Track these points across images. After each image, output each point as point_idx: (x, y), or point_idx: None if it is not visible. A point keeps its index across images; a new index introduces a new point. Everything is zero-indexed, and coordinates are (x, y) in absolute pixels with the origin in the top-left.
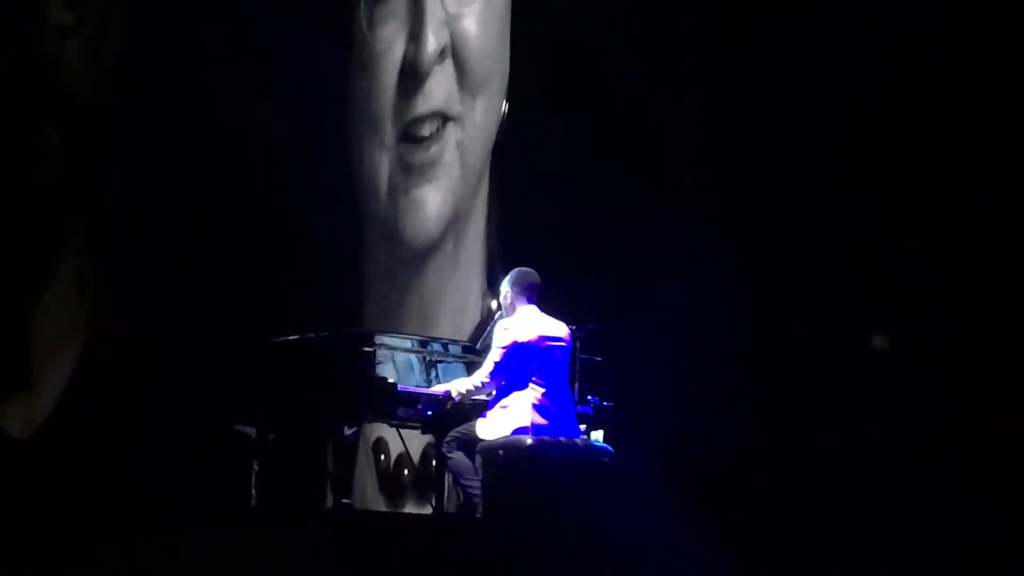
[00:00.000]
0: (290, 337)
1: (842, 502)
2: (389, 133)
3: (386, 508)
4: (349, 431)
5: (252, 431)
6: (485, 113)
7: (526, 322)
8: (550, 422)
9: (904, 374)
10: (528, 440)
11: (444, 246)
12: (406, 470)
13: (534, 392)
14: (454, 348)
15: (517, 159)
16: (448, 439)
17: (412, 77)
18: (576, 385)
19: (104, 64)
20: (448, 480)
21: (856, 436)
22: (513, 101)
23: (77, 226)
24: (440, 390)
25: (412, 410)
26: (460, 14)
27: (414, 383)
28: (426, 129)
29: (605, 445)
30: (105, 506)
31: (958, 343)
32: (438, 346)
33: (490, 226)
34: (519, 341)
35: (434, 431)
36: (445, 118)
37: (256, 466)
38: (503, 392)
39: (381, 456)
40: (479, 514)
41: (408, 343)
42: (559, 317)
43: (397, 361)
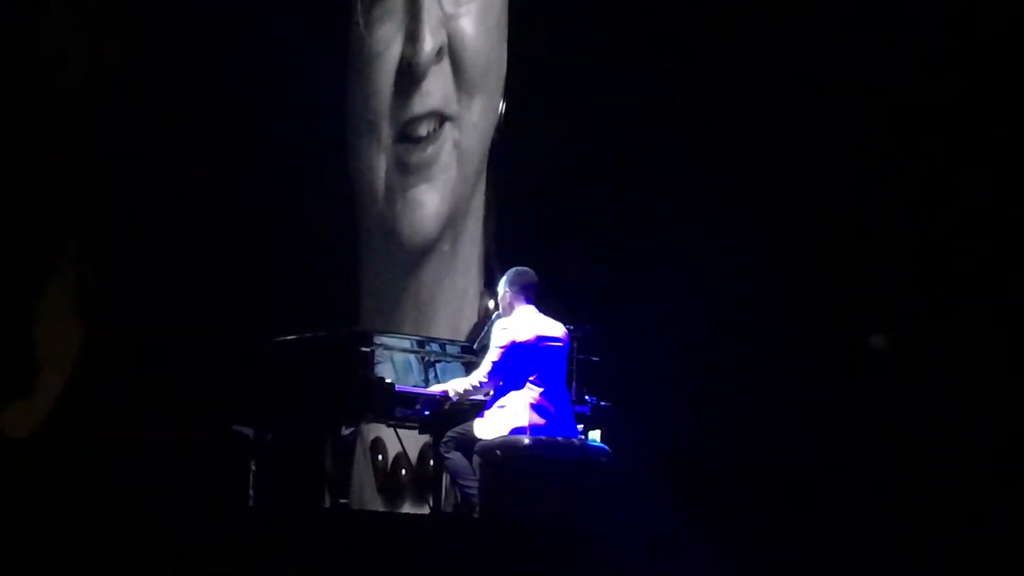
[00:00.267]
0: (288, 337)
1: (841, 502)
2: (386, 133)
3: (384, 508)
4: (347, 431)
5: (250, 431)
6: (482, 113)
7: (524, 322)
8: (548, 422)
9: (903, 374)
10: (526, 440)
11: (441, 246)
12: (404, 470)
13: (532, 392)
14: (452, 348)
15: (514, 159)
16: (446, 439)
17: (409, 77)
18: (573, 385)
19: (104, 64)
20: (446, 480)
21: (855, 436)
22: (510, 101)
23: (76, 226)
24: (438, 390)
25: (410, 410)
26: (457, 14)
27: (412, 383)
28: (423, 129)
29: (602, 445)
30: (103, 506)
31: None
32: (436, 346)
33: (487, 226)
34: (517, 341)
35: (432, 431)
36: (442, 118)
37: (254, 466)
38: (501, 392)
39: (379, 456)
40: (477, 514)
41: (406, 343)
42: (557, 317)
43: (395, 361)
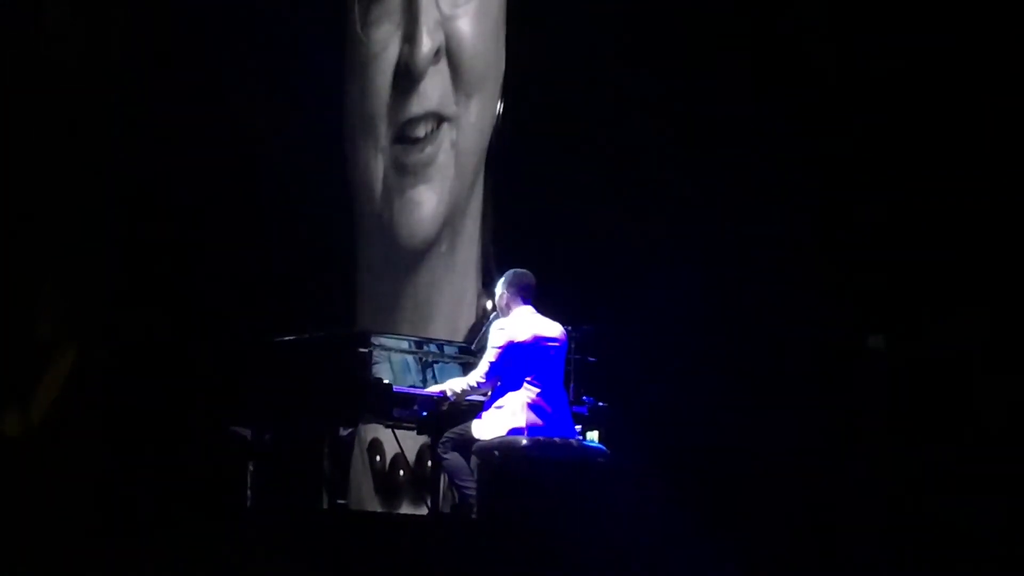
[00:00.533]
0: (286, 337)
1: (840, 502)
2: (384, 134)
3: (381, 509)
4: (345, 432)
5: (248, 432)
6: (480, 114)
7: (522, 322)
8: (545, 422)
9: (903, 374)
10: (523, 440)
11: (439, 247)
12: (401, 471)
13: (529, 392)
14: (449, 349)
15: (512, 159)
16: (444, 440)
17: (407, 78)
18: (571, 386)
19: (104, 64)
20: (444, 481)
21: (854, 436)
22: (508, 101)
23: (76, 226)
24: (435, 390)
25: (408, 411)
26: (455, 15)
27: (410, 384)
28: (421, 130)
29: (600, 446)
30: (101, 506)
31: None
32: (433, 347)
33: (485, 227)
34: (514, 341)
35: (430, 432)
36: (440, 119)
37: (252, 466)
38: (498, 392)
39: (377, 457)
40: (474, 515)
41: (404, 344)
42: (554, 317)
43: (393, 362)
